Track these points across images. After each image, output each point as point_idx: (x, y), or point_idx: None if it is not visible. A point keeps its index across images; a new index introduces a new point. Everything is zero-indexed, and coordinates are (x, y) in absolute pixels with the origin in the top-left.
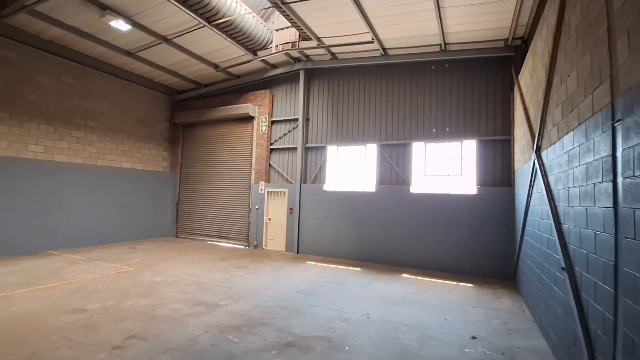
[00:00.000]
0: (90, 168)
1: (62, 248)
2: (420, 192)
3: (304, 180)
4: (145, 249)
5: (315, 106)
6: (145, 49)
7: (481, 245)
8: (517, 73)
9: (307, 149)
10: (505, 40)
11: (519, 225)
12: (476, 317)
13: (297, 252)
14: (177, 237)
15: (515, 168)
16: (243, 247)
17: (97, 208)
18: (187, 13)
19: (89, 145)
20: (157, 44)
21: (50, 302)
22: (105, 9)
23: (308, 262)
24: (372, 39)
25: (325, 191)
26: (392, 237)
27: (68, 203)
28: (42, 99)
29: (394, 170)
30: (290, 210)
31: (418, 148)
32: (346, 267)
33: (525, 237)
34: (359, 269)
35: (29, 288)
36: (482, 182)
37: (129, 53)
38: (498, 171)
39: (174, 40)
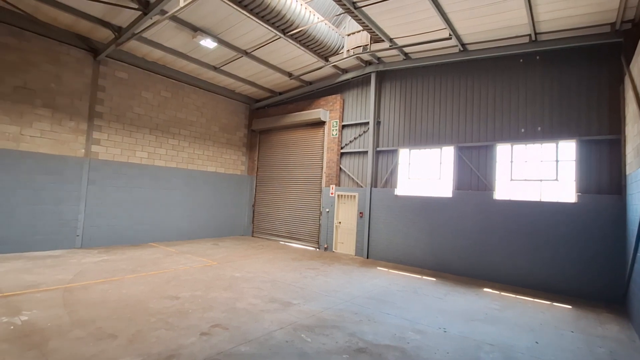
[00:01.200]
0: (182, 172)
1: (160, 241)
2: (505, 199)
3: (374, 184)
4: (226, 246)
5: (387, 109)
6: (228, 63)
7: (582, 262)
8: (628, 62)
9: (378, 153)
10: (612, 24)
11: (632, 240)
12: (574, 343)
13: (367, 257)
14: (253, 236)
15: (628, 173)
16: (313, 248)
17: (187, 207)
18: (265, 27)
19: (181, 151)
20: (238, 58)
21: (150, 288)
22: (196, 30)
23: (378, 267)
24: (450, 35)
25: (397, 196)
26: (472, 248)
27: (165, 202)
28: (146, 112)
29: (474, 175)
30: (361, 215)
31: (503, 150)
32: (419, 276)
33: None
34: (434, 279)
35: (135, 274)
36: (584, 189)
37: (215, 68)
38: (604, 176)
39: (253, 53)
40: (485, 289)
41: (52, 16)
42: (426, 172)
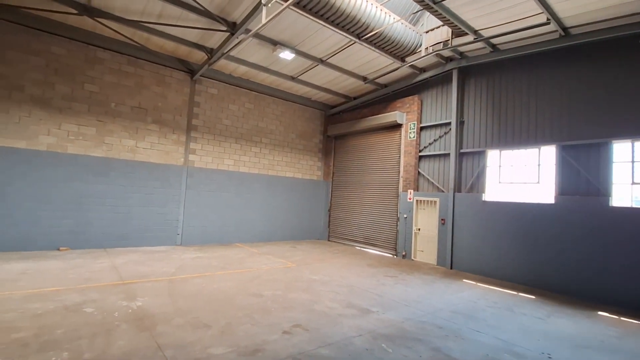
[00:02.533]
0: (263, 177)
1: (243, 242)
2: (628, 207)
3: (457, 189)
4: (303, 249)
5: (471, 107)
6: (304, 72)
7: None
8: None
9: (461, 155)
10: None
11: None
12: None
13: (451, 268)
14: (329, 240)
15: None
16: (391, 255)
17: (267, 211)
18: (340, 34)
19: (262, 158)
20: (314, 67)
21: (237, 285)
22: (276, 44)
23: (464, 280)
24: (548, 19)
25: (485, 202)
26: (581, 263)
27: (248, 206)
28: (232, 123)
29: (582, 178)
30: (443, 221)
31: (621, 148)
32: (513, 292)
33: None
34: (532, 296)
35: (224, 271)
36: None
37: (292, 78)
38: None
39: (328, 60)
40: (601, 313)
41: (159, 44)
42: (520, 175)
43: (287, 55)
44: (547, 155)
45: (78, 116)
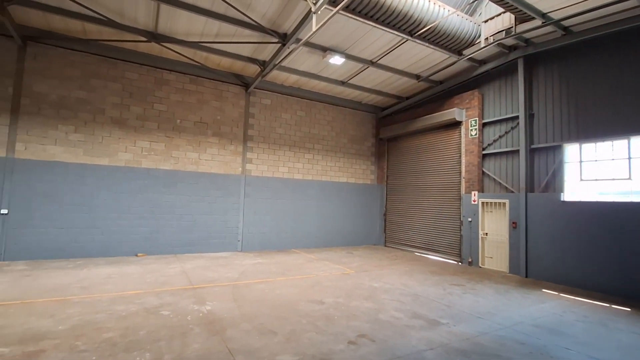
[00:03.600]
0: (317, 183)
1: (300, 247)
2: None
3: (530, 188)
4: (360, 255)
5: (542, 98)
6: (354, 76)
7: None
8: None
9: (532, 151)
10: None
11: None
12: None
13: (526, 276)
14: (385, 246)
15: None
16: (455, 262)
17: (322, 216)
18: (391, 33)
19: (315, 164)
20: (365, 69)
21: (298, 291)
22: (325, 50)
23: (543, 289)
24: None
25: (564, 202)
26: None
27: (303, 212)
28: (286, 131)
29: None
30: (514, 225)
31: None
32: (604, 304)
33: None
34: (627, 309)
35: (284, 277)
36: None
37: (342, 83)
38: None
39: (379, 62)
40: None
41: (217, 62)
42: (607, 171)
43: (337, 60)
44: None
45: (149, 133)
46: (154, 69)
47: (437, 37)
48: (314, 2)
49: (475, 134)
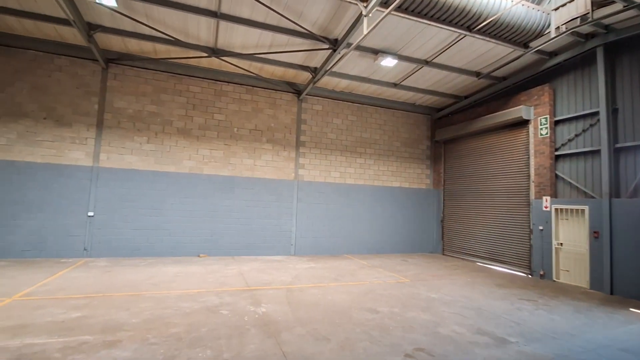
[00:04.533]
0: (369, 188)
1: (352, 253)
2: None
3: (614, 193)
4: (416, 263)
5: (627, 90)
6: (407, 77)
7: None
8: None
9: (617, 151)
10: None
11: None
12: None
13: (611, 293)
14: (443, 254)
15: None
16: (524, 274)
17: (374, 222)
18: (447, 29)
19: (367, 169)
20: (418, 69)
21: (351, 298)
22: (377, 52)
23: (631, 309)
24: None
25: None
26: None
27: (355, 217)
28: (337, 136)
29: None
30: (596, 235)
31: None
32: None
33: None
34: None
35: (337, 283)
36: None
37: (394, 85)
38: None
39: (434, 60)
40: None
41: (270, 71)
42: None
43: (389, 62)
44: None
45: (210, 142)
46: (214, 81)
47: (499, 31)
48: (365, 5)
49: (546, 133)
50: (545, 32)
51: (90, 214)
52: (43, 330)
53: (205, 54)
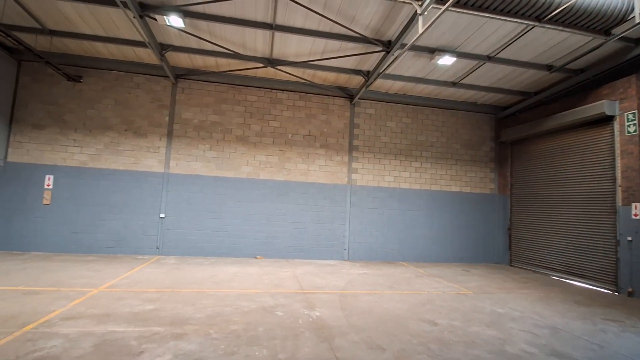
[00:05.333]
0: (425, 193)
1: (407, 261)
2: None
3: None
4: (479, 274)
5: None
6: (467, 75)
7: None
8: None
9: None
10: None
11: None
12: None
13: None
14: (510, 265)
15: None
16: (608, 291)
17: (431, 229)
18: (513, 21)
19: (424, 173)
20: (480, 66)
21: (407, 307)
22: (433, 51)
23: None
24: None
25: None
26: None
27: (410, 223)
28: (391, 140)
29: None
30: None
31: None
32: None
33: None
34: None
35: (392, 291)
36: None
37: (453, 84)
38: None
39: (497, 56)
40: None
41: (323, 77)
42: None
43: (446, 60)
44: None
45: (266, 148)
46: (269, 90)
47: (574, 18)
48: (420, 3)
49: (635, 131)
50: (629, 18)
51: (162, 215)
52: (123, 320)
53: (262, 65)
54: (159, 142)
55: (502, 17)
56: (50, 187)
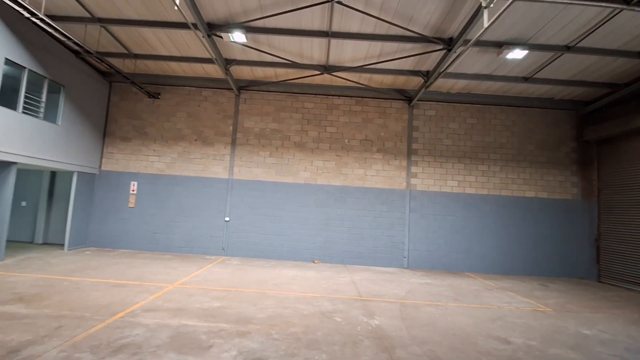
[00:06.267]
0: (494, 199)
1: (473, 271)
2: None
3: None
4: (559, 290)
5: None
6: (542, 68)
7: None
8: None
9: None
10: None
11: None
12: None
13: None
14: (599, 281)
15: None
16: None
17: (502, 238)
18: (595, 6)
19: (492, 177)
20: (557, 58)
21: (474, 322)
22: (501, 45)
23: None
24: None
25: None
26: None
27: (477, 231)
28: (454, 142)
29: None
30: None
31: None
32: None
33: None
34: None
35: (457, 303)
36: None
37: (524, 79)
38: None
39: (578, 45)
40: None
41: (379, 81)
42: None
43: (517, 54)
44: None
45: (323, 154)
46: (325, 96)
47: None
48: None
49: None
50: None
51: (227, 219)
52: (194, 315)
53: (318, 72)
54: (224, 150)
55: (582, 2)
56: (135, 192)
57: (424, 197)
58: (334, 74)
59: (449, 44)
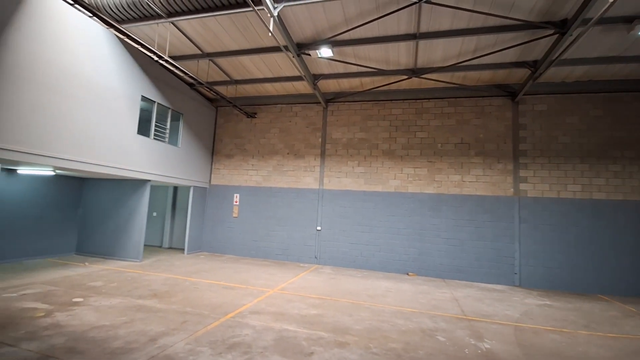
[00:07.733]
0: (633, 204)
1: (609, 294)
2: None
3: None
4: None
5: None
6: None
7: None
8: None
9: None
10: None
11: None
12: None
13: None
14: None
15: None
16: None
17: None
18: None
19: (628, 178)
20: None
21: (613, 355)
22: (632, 20)
23: None
24: None
25: None
26: None
27: (615, 243)
28: (573, 140)
29: None
30: None
31: None
32: None
33: None
34: None
35: (588, 331)
36: None
37: None
38: None
39: None
40: None
41: (475, 78)
42: None
43: None
44: None
45: (413, 161)
46: (414, 101)
47: None
48: None
49: None
50: None
51: (319, 228)
52: (293, 320)
53: (406, 76)
54: (314, 162)
55: None
56: (237, 203)
57: (537, 204)
58: (423, 76)
59: (562, 27)
